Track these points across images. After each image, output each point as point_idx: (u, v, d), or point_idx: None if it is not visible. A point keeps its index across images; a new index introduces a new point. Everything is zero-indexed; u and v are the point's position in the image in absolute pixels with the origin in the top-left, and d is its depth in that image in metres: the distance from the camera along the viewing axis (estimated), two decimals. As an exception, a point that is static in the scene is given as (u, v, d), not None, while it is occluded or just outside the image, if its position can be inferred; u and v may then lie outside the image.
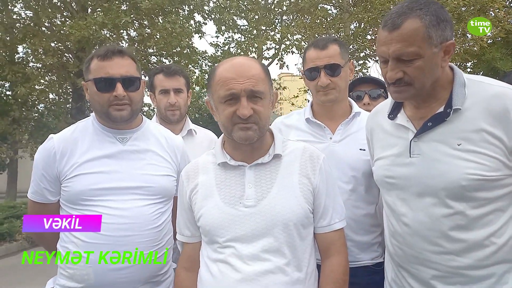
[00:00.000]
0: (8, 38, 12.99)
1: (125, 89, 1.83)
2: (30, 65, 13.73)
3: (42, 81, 13.90)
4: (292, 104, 16.52)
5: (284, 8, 16.97)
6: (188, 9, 15.29)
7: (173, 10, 14.04)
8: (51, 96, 14.56)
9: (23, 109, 14.42)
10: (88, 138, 1.90)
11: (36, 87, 13.34)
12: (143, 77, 1.97)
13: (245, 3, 17.26)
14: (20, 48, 14.02)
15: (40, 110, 16.56)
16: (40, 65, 13.60)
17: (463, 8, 12.14)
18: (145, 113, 17.56)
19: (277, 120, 2.30)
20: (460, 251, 1.45)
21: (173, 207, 2.00)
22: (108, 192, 1.81)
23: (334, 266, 1.58)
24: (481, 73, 14.15)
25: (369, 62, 15.97)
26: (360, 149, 2.03)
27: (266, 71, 1.56)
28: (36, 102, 15.17)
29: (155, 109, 2.84)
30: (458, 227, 1.44)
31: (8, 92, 15.36)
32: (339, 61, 2.05)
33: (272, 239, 1.47)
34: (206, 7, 16.11)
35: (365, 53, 15.52)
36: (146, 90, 2.39)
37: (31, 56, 13.44)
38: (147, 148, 1.96)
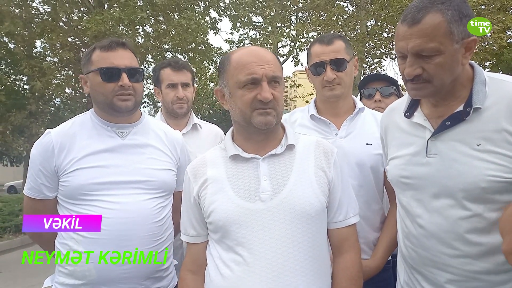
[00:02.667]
0: (26, 33, 13.19)
1: (129, 79, 1.82)
2: (47, 59, 13.91)
3: (58, 75, 14.08)
4: (307, 102, 16.43)
5: (300, 5, 16.85)
6: (204, 5, 15.34)
7: (189, 6, 14.09)
8: (67, 90, 14.74)
9: (40, 103, 14.66)
10: (86, 133, 1.87)
11: (53, 81, 13.53)
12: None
13: (261, 0, 17.21)
14: (38, 43, 14.26)
15: (56, 104, 16.82)
16: (57, 60, 13.77)
17: (483, 6, 11.89)
18: (159, 108, 17.65)
19: None
20: (478, 255, 1.39)
21: (173, 203, 1.98)
22: (108, 187, 1.78)
23: (349, 263, 1.53)
24: (500, 73, 13.85)
25: (385, 60, 15.78)
26: (367, 144, 2.01)
27: (279, 60, 1.56)
28: (53, 96, 15.39)
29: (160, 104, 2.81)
30: (476, 230, 1.38)
31: (25, 86, 15.61)
32: (344, 56, 2.03)
33: (291, 235, 1.41)
34: (221, 4, 16.16)
35: (381, 51, 15.33)
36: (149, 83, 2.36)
37: (49, 51, 13.63)
38: (147, 142, 1.94)
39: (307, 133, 1.99)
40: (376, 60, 15.64)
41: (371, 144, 2.01)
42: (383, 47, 15.00)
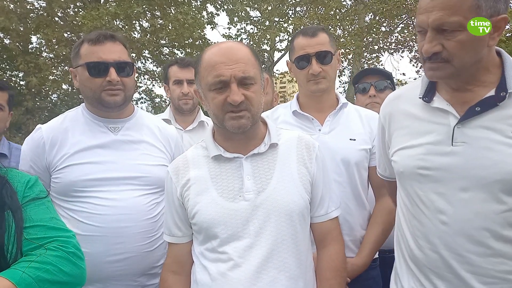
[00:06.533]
0: (21, 28, 13.08)
1: (118, 74, 1.78)
2: (43, 55, 13.82)
3: (54, 71, 14.00)
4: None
5: (298, -1, 16.78)
6: (201, -1, 15.24)
7: (186, 1, 14.01)
8: (64, 86, 14.65)
9: (37, 99, 14.56)
10: (78, 128, 1.84)
11: (49, 77, 13.45)
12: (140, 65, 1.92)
13: (258, -6, 17.11)
14: (33, 38, 14.13)
15: (53, 100, 16.72)
16: (53, 56, 13.68)
17: None
18: (157, 104, 17.63)
19: (262, 115, 2.24)
20: (511, 253, 1.28)
21: None
22: (102, 183, 1.76)
23: (333, 255, 1.54)
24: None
25: (383, 55, 15.73)
26: (350, 139, 1.98)
27: (255, 55, 1.48)
28: (49, 93, 15.30)
29: (167, 101, 2.93)
30: (510, 226, 1.27)
31: (21, 82, 15.52)
32: (329, 49, 1.99)
33: (276, 233, 1.42)
34: (218, -2, 16.04)
35: (378, 45, 15.29)
36: (159, 81, 2.36)
37: (44, 46, 13.52)
38: (141, 138, 1.91)
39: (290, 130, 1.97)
40: (374, 55, 15.59)
41: (355, 140, 1.98)
42: (381, 41, 14.95)
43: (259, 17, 18.04)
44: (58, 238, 1.23)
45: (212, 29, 15.78)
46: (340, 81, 17.97)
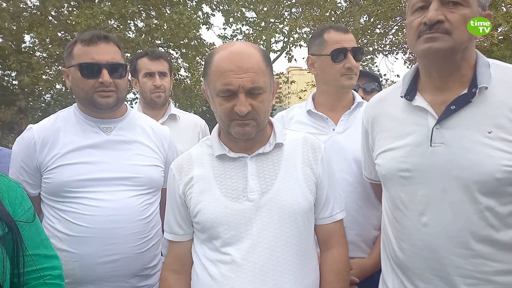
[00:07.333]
0: (14, 27, 13.00)
1: (111, 75, 1.76)
2: (36, 54, 13.74)
3: (48, 71, 13.93)
4: (300, 98, 16.40)
5: (293, 0, 16.81)
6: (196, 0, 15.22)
7: (181, 0, 13.99)
8: (57, 86, 14.56)
9: (30, 99, 14.49)
10: (70, 128, 1.82)
11: (43, 77, 13.37)
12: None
13: (254, -5, 17.13)
14: (26, 37, 14.06)
15: (46, 100, 16.63)
16: (46, 55, 13.61)
17: (475, 3, 11.93)
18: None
19: (278, 115, 2.22)
20: (491, 254, 1.28)
21: (161, 199, 1.94)
22: (93, 183, 1.73)
23: (336, 258, 1.53)
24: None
25: (377, 57, 15.81)
26: None
27: (266, 59, 1.44)
28: (43, 92, 15.22)
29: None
30: (489, 226, 1.27)
31: (14, 82, 15.43)
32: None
33: (279, 234, 1.40)
34: (214, -2, 16.03)
35: (373, 47, 15.36)
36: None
37: (38, 46, 13.44)
38: (134, 138, 1.89)
39: (304, 130, 1.94)
40: (369, 56, 15.66)
41: None
42: (375, 43, 15.03)
43: (254, 18, 18.05)
44: (52, 272, 1.31)
45: (208, 30, 15.78)
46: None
